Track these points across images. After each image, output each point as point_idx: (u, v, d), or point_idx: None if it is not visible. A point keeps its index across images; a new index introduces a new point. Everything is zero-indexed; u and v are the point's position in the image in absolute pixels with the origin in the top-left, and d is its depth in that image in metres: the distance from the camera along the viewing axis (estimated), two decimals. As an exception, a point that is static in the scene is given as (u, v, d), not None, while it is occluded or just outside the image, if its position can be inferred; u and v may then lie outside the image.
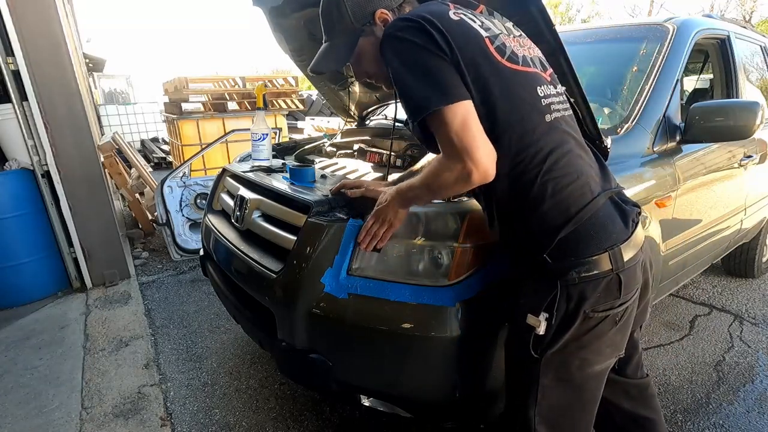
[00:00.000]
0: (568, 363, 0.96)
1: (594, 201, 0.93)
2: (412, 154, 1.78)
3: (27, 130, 2.59)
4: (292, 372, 1.38)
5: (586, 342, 0.95)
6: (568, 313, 0.92)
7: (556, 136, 0.93)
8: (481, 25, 0.93)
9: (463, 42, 0.87)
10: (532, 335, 0.94)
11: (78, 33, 7.60)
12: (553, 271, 0.92)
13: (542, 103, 0.93)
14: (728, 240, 2.25)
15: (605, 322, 0.94)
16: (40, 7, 2.48)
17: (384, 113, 2.46)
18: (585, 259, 0.90)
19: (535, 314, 0.93)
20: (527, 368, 0.98)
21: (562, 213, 0.91)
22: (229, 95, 5.49)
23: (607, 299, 0.93)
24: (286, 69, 25.02)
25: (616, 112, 1.71)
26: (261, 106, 1.94)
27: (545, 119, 0.93)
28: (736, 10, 15.33)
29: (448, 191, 0.95)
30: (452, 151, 0.86)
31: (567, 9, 19.16)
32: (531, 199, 0.91)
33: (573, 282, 0.91)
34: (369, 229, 1.12)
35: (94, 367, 2.09)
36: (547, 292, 0.93)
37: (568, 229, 0.90)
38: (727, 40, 2.16)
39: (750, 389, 1.90)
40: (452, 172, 0.88)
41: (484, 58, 0.89)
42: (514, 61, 0.92)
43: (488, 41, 0.91)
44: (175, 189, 3.34)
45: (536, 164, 0.90)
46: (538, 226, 0.92)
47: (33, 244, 2.73)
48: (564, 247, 0.91)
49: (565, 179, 0.92)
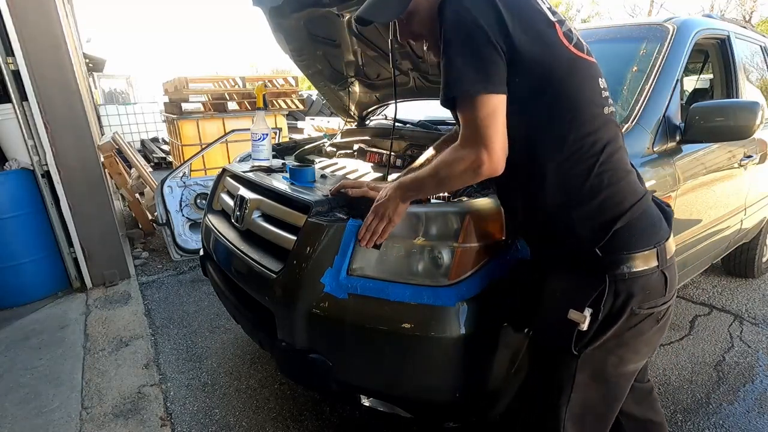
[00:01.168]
0: (605, 360, 0.95)
1: (645, 197, 0.94)
2: (412, 154, 1.78)
3: (27, 130, 2.59)
4: (292, 372, 1.38)
5: (627, 340, 0.94)
6: (615, 310, 0.91)
7: (611, 129, 0.93)
8: (549, 8, 0.92)
9: (531, 24, 0.85)
10: (575, 331, 0.92)
11: (78, 33, 7.60)
12: (602, 266, 0.91)
13: (602, 95, 0.93)
14: (728, 240, 2.25)
15: (648, 320, 0.93)
16: (40, 7, 2.47)
17: (384, 113, 2.46)
18: (636, 254, 0.90)
19: (579, 309, 0.91)
20: (563, 365, 0.96)
21: (617, 205, 0.90)
22: (229, 95, 5.49)
23: (653, 296, 0.93)
24: (286, 69, 25.05)
25: (615, 112, 1.71)
26: (261, 106, 1.94)
27: (603, 111, 0.93)
28: (736, 10, 15.33)
29: (456, 181, 0.94)
30: (472, 136, 0.86)
31: (567, 9, 19.16)
32: (586, 190, 0.90)
33: (623, 277, 0.90)
34: (369, 225, 1.11)
35: (94, 367, 2.09)
36: (593, 287, 0.91)
37: (623, 221, 0.89)
38: (727, 40, 2.16)
39: (750, 389, 1.90)
40: (465, 159, 0.87)
41: (552, 43, 0.87)
42: (579, 48, 0.91)
43: (558, 26, 0.89)
44: (175, 189, 3.34)
45: (594, 154, 0.90)
46: (592, 217, 0.91)
47: (33, 244, 2.73)
48: (617, 241, 0.90)
49: (620, 173, 0.92)
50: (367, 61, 2.01)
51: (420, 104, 2.22)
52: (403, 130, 1.96)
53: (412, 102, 2.23)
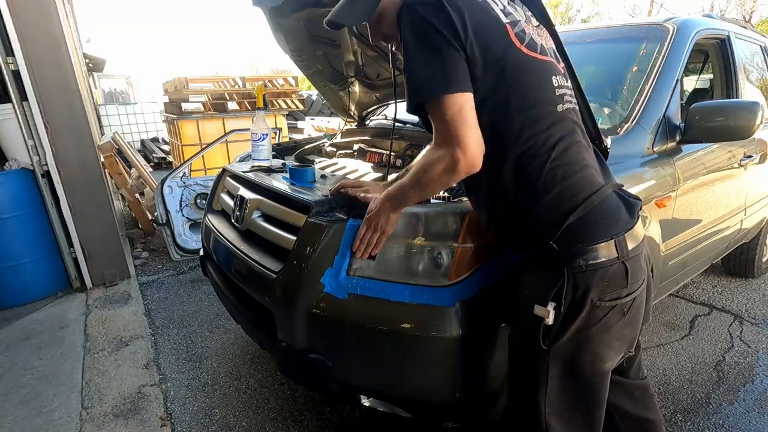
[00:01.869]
0: (579, 357, 0.96)
1: (601, 189, 0.95)
2: (412, 154, 1.78)
3: (27, 130, 2.59)
4: (292, 372, 1.38)
5: (595, 334, 0.95)
6: (575, 302, 0.92)
7: (566, 125, 0.95)
8: (503, 10, 0.94)
9: (481, 26, 0.87)
10: (542, 326, 0.94)
11: (78, 33, 7.60)
12: (560, 259, 0.92)
13: (556, 93, 0.95)
14: (728, 240, 2.25)
15: (613, 312, 0.94)
16: (40, 7, 2.47)
17: (384, 113, 2.46)
18: (592, 246, 0.91)
19: (543, 304, 0.93)
20: (536, 360, 0.97)
21: (570, 199, 0.92)
22: (229, 95, 5.49)
23: (614, 288, 0.93)
24: (286, 69, 25.05)
25: (615, 112, 1.71)
26: (261, 106, 1.94)
27: (557, 108, 0.94)
28: (736, 10, 15.32)
29: (437, 184, 0.95)
30: (443, 136, 0.88)
31: (567, 9, 19.16)
32: (540, 186, 0.92)
33: (580, 270, 0.91)
34: (362, 237, 1.12)
35: (94, 367, 2.09)
36: (554, 281, 0.92)
37: (576, 214, 0.91)
38: (727, 40, 2.16)
39: (750, 389, 1.90)
40: (441, 161, 0.89)
41: (503, 44, 0.90)
42: (532, 49, 0.93)
43: (509, 27, 0.92)
44: (175, 189, 3.34)
45: (546, 150, 0.91)
46: (547, 212, 0.92)
47: (33, 244, 2.73)
48: (572, 234, 0.91)
49: (574, 167, 0.93)
50: (367, 61, 2.01)
51: (420, 104, 2.21)
52: (403, 130, 1.96)
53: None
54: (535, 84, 0.93)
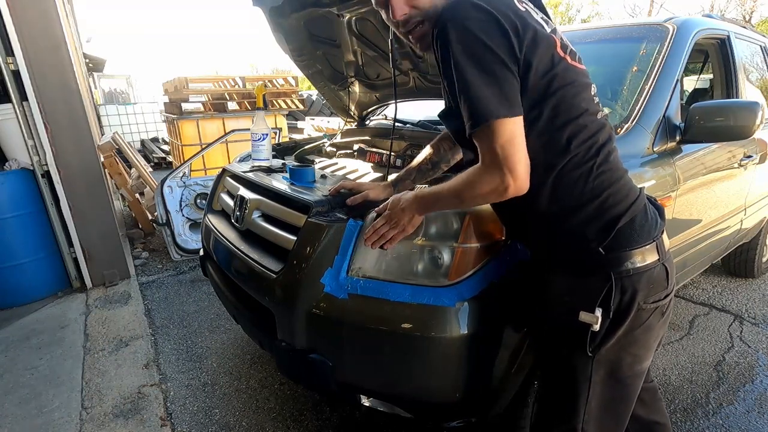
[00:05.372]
0: (620, 360, 0.96)
1: (642, 194, 0.97)
2: (412, 154, 1.78)
3: (27, 130, 2.59)
4: (292, 372, 1.38)
5: (637, 336, 0.95)
6: (623, 306, 0.92)
7: (606, 132, 0.95)
8: (542, 18, 0.92)
9: (533, 41, 0.85)
10: (589, 332, 0.92)
11: (78, 33, 7.60)
12: (607, 264, 0.92)
13: (594, 101, 0.95)
14: (728, 240, 2.25)
15: (655, 314, 0.95)
16: (40, 7, 2.47)
17: (384, 113, 2.46)
18: (638, 249, 0.92)
19: (590, 310, 0.91)
20: (576, 369, 0.97)
21: (619, 203, 0.92)
22: (229, 95, 5.50)
23: (657, 290, 0.94)
24: (286, 69, 25.04)
25: (615, 112, 1.71)
26: (261, 106, 1.94)
27: (598, 116, 0.94)
28: (736, 10, 15.33)
29: (478, 202, 0.96)
30: (494, 161, 0.85)
31: (567, 9, 19.15)
32: (587, 192, 0.91)
33: (627, 274, 0.91)
34: (378, 229, 1.11)
35: (94, 367, 2.09)
36: (600, 286, 0.92)
37: (625, 219, 0.91)
38: (727, 40, 2.16)
39: (750, 389, 1.90)
40: (489, 183, 0.87)
41: (552, 56, 0.88)
42: (573, 57, 0.93)
43: (555, 38, 0.90)
44: (175, 189, 3.34)
45: (591, 156, 0.91)
46: (596, 217, 0.92)
47: (33, 244, 2.73)
48: (619, 238, 0.91)
49: (618, 172, 0.94)
50: (367, 61, 2.01)
51: (420, 104, 2.22)
52: (403, 130, 1.96)
53: (412, 102, 2.23)
54: (581, 94, 0.91)
